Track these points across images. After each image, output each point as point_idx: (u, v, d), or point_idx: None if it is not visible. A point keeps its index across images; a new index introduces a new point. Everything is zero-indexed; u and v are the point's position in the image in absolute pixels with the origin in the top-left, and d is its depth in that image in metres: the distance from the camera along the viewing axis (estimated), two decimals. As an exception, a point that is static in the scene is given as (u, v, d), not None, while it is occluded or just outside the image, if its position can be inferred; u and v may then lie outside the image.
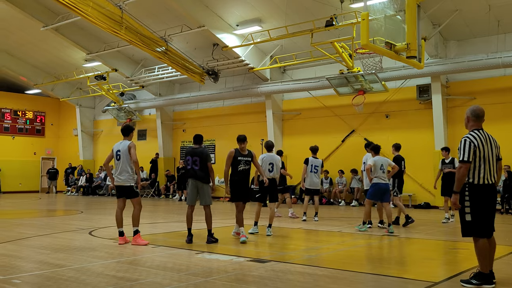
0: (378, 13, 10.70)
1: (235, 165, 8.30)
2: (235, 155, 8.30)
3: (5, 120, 27.79)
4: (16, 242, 8.27)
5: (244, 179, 8.38)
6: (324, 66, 18.57)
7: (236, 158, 8.28)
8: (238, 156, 8.30)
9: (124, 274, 5.70)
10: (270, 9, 16.69)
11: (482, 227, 5.07)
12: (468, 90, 16.32)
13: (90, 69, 23.62)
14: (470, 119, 5.28)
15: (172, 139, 24.67)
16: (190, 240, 8.06)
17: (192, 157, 8.16)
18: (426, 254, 7.65)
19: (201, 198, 8.18)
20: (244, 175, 8.36)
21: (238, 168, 8.28)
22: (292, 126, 20.38)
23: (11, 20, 20.48)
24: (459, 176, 5.08)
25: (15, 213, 14.97)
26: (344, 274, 5.97)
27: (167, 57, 18.49)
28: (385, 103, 17.85)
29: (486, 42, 15.84)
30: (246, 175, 8.39)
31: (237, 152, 8.35)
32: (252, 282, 5.44)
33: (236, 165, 8.29)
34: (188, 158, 8.20)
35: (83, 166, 27.16)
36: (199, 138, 8.42)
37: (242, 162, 8.29)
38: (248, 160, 8.38)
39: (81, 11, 15.43)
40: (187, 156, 8.24)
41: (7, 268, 6.04)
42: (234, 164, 8.30)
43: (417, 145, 17.10)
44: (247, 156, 8.39)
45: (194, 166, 8.11)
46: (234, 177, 8.35)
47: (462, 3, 14.74)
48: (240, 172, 8.31)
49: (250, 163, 8.46)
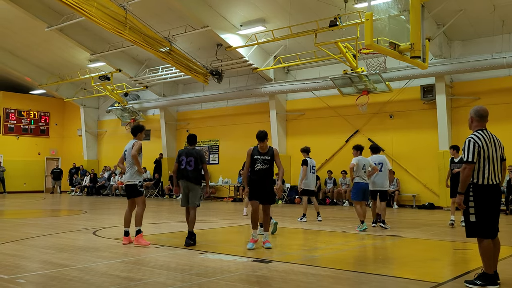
0: (382, 13, 10.67)
1: (252, 164, 7.79)
2: (251, 153, 7.79)
3: (10, 120, 27.91)
4: (20, 242, 8.30)
5: (263, 179, 7.75)
6: (328, 66, 18.55)
7: (252, 156, 7.76)
8: (254, 155, 7.76)
9: (128, 274, 5.72)
10: (274, 9, 16.69)
11: (487, 228, 5.05)
12: (472, 90, 16.27)
13: (94, 70, 23.69)
14: (474, 119, 5.26)
15: (176, 139, 24.70)
16: (193, 242, 7.95)
17: (187, 157, 8.01)
18: (430, 254, 7.62)
19: (190, 198, 8.04)
20: (263, 174, 7.74)
21: (255, 168, 7.73)
22: (296, 127, 20.37)
23: (15, 20, 20.57)
24: (463, 177, 5.07)
25: (19, 213, 15.03)
26: (348, 274, 5.96)
27: (171, 57, 18.52)
28: (389, 103, 17.82)
29: (490, 42, 15.78)
30: (265, 174, 7.75)
31: (255, 150, 7.80)
32: (256, 282, 5.44)
33: (253, 164, 7.76)
34: (183, 158, 8.03)
35: (83, 167, 27.22)
36: (193, 138, 8.28)
37: (258, 161, 7.71)
38: (266, 159, 7.72)
39: (85, 11, 15.47)
40: (181, 157, 8.06)
41: (11, 268, 6.06)
42: (252, 163, 7.79)
43: (421, 145, 17.07)
44: (266, 154, 7.75)
45: (188, 166, 7.95)
46: (252, 176, 7.85)
47: (467, 3, 14.69)
48: (258, 172, 7.73)
49: (270, 162, 7.78)
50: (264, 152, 7.77)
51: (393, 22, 10.76)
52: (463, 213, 5.20)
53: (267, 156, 7.74)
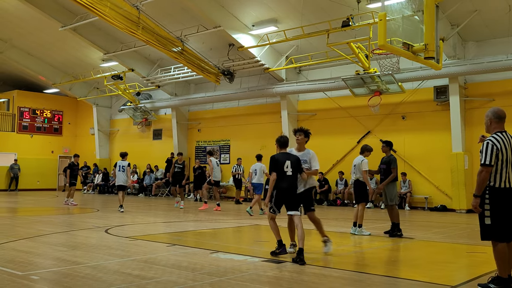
0: (395, 14, 10.58)
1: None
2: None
3: (24, 118, 28.25)
4: (34, 239, 8.40)
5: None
6: (340, 66, 18.46)
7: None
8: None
9: (139, 272, 5.75)
10: (286, 9, 16.66)
11: (502, 231, 4.98)
12: (486, 92, 16.07)
13: (107, 69, 23.88)
14: (493, 121, 5.17)
15: (187, 139, 24.78)
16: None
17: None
18: (443, 257, 7.55)
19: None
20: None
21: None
22: (307, 127, 19.85)
23: (30, 20, 20.83)
24: (480, 180, 5.00)
25: (33, 211, 15.21)
26: (360, 276, 5.93)
27: (183, 57, 18.59)
28: (401, 104, 17.69)
29: (505, 43, 15.58)
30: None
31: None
32: (267, 282, 5.44)
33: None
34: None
35: (97, 165, 27.42)
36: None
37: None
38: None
39: (98, 11, 15.59)
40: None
41: (25, 265, 6.13)
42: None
43: (434, 147, 16.91)
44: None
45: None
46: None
47: (482, 4, 14.52)
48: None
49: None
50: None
51: (406, 23, 10.67)
52: (478, 216, 5.14)
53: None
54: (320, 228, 7.38)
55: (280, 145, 7.13)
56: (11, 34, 22.87)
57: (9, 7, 19.79)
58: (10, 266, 5.97)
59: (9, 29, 22.18)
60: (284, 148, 7.12)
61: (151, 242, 8.40)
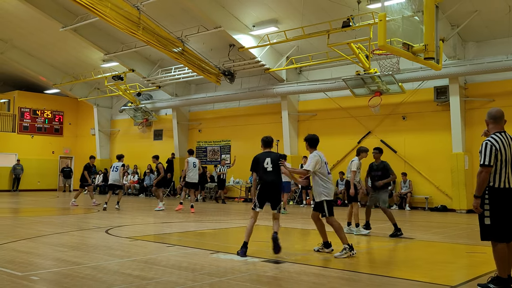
0: (395, 14, 10.59)
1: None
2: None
3: (25, 119, 28.27)
4: (34, 240, 8.41)
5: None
6: (341, 67, 18.47)
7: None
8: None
9: (139, 272, 5.75)
10: (287, 10, 16.68)
11: (502, 231, 4.98)
12: (486, 92, 16.08)
13: (108, 69, 23.90)
14: (490, 122, 5.21)
15: (188, 139, 24.80)
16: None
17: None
18: (443, 257, 7.55)
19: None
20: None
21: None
22: (308, 127, 20.28)
23: (31, 21, 20.85)
24: (480, 180, 5.01)
25: (33, 211, 15.22)
26: (360, 276, 5.94)
27: (183, 57, 18.60)
28: (401, 105, 17.69)
29: (506, 43, 15.58)
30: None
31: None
32: (267, 282, 5.44)
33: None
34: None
35: (95, 166, 27.38)
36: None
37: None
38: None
39: (99, 12, 15.62)
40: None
41: (25, 265, 6.14)
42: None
43: (434, 147, 16.92)
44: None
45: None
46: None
47: (482, 4, 14.52)
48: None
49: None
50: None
51: (406, 23, 10.68)
52: (478, 216, 5.14)
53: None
54: (338, 234, 7.35)
55: (264, 145, 7.57)
56: (12, 35, 22.91)
57: (9, 7, 19.82)
58: (10, 266, 5.98)
59: (10, 29, 22.22)
60: (268, 147, 7.55)
61: (151, 242, 8.42)
